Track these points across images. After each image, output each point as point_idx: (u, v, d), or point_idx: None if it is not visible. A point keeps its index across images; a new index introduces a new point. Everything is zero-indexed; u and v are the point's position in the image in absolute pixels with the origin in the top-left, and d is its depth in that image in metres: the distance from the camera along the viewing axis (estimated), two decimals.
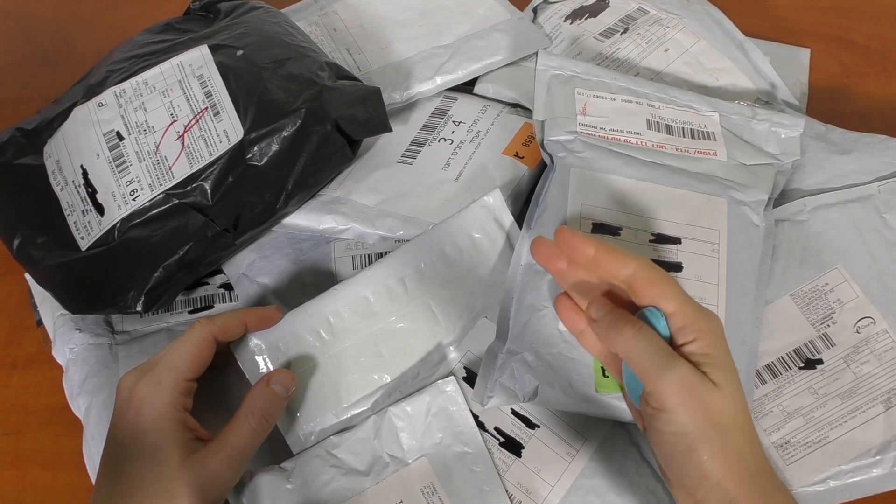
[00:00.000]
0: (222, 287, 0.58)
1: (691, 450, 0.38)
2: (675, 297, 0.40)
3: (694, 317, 0.39)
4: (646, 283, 0.40)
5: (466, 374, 0.51)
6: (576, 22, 0.70)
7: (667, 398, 0.38)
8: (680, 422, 0.37)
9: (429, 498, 0.48)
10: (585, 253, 0.42)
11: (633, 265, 0.41)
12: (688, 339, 0.39)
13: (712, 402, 0.38)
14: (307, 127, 0.53)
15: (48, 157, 0.56)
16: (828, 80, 0.71)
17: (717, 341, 0.40)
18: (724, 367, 0.39)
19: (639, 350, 0.39)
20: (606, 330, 0.41)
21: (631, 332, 0.39)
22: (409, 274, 0.53)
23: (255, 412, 0.46)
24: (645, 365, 0.39)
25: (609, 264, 0.41)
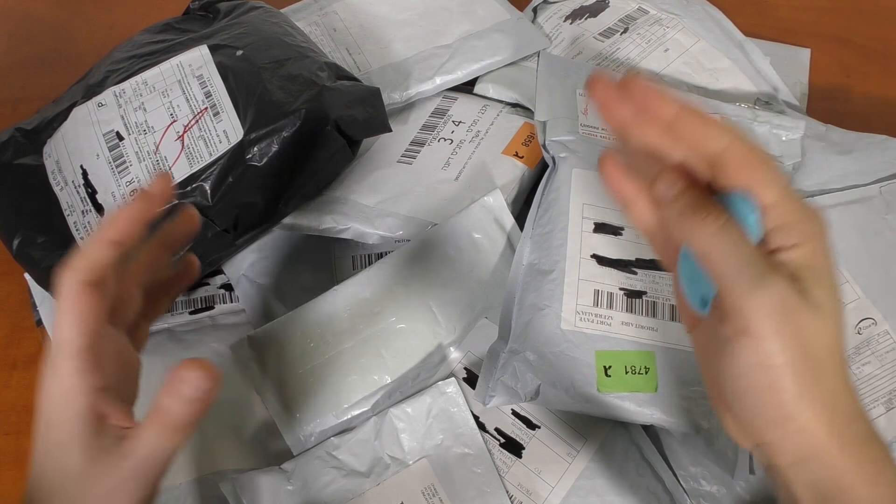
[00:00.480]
0: (222, 287, 0.58)
1: (775, 386, 0.31)
2: (777, 186, 0.31)
3: (798, 215, 0.31)
4: (740, 162, 0.32)
5: (467, 375, 0.51)
6: (576, 22, 0.70)
7: (756, 320, 0.30)
8: (768, 351, 0.30)
9: (429, 499, 0.48)
10: (664, 111, 0.32)
11: (727, 137, 0.32)
12: (787, 243, 0.31)
13: (811, 329, 0.30)
14: (307, 127, 0.53)
15: (48, 157, 0.56)
16: (828, 80, 0.71)
17: (821, 249, 0.32)
18: (828, 284, 0.31)
19: (724, 251, 0.31)
20: (680, 216, 0.33)
21: (715, 226, 0.31)
22: (409, 274, 0.53)
23: (161, 418, 0.35)
24: (731, 273, 0.31)
25: (694, 131, 0.32)
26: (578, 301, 0.50)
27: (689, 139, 0.32)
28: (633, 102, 0.33)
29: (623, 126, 0.34)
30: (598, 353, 0.48)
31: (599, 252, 0.51)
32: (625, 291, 0.50)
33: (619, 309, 0.50)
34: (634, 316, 0.50)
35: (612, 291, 0.50)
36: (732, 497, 0.48)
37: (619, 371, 0.48)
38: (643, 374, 0.48)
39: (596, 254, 0.51)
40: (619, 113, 0.34)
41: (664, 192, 0.33)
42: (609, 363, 0.48)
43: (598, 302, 0.50)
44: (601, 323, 0.49)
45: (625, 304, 0.50)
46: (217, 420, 0.51)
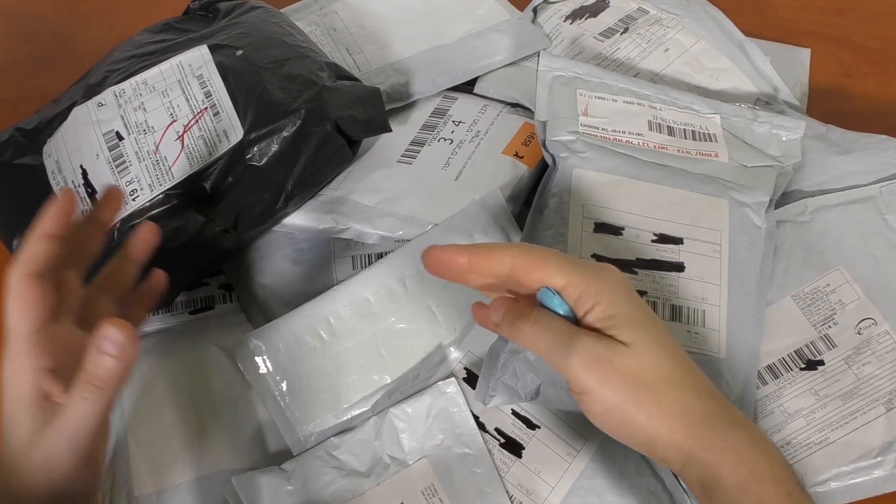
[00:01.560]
0: (222, 287, 0.58)
1: (627, 419, 0.36)
2: (561, 270, 0.37)
3: (585, 282, 0.37)
4: (527, 269, 0.38)
5: (467, 375, 0.51)
6: (576, 22, 0.70)
7: (581, 379, 0.36)
8: (603, 398, 0.36)
9: (429, 499, 0.48)
10: (459, 265, 0.39)
11: (508, 258, 0.38)
12: (587, 308, 0.37)
13: (627, 364, 0.36)
14: (307, 127, 0.53)
15: (48, 156, 0.56)
16: (828, 80, 0.71)
17: (617, 297, 0.37)
18: (631, 323, 0.37)
19: (539, 341, 0.37)
20: (508, 332, 0.39)
21: (528, 325, 0.38)
22: (409, 274, 0.53)
23: (84, 378, 0.37)
24: (550, 354, 0.37)
25: (485, 266, 0.39)
26: None
27: (485, 272, 0.39)
28: (438, 271, 0.40)
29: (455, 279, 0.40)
30: None
31: (599, 252, 0.51)
32: None
33: None
34: None
35: None
36: None
37: None
38: None
39: (596, 254, 0.51)
40: (444, 275, 0.40)
41: (495, 319, 0.40)
42: None
43: None
44: None
45: None
46: (217, 420, 0.51)
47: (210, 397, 0.52)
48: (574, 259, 0.38)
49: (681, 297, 0.51)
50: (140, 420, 0.50)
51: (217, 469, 0.49)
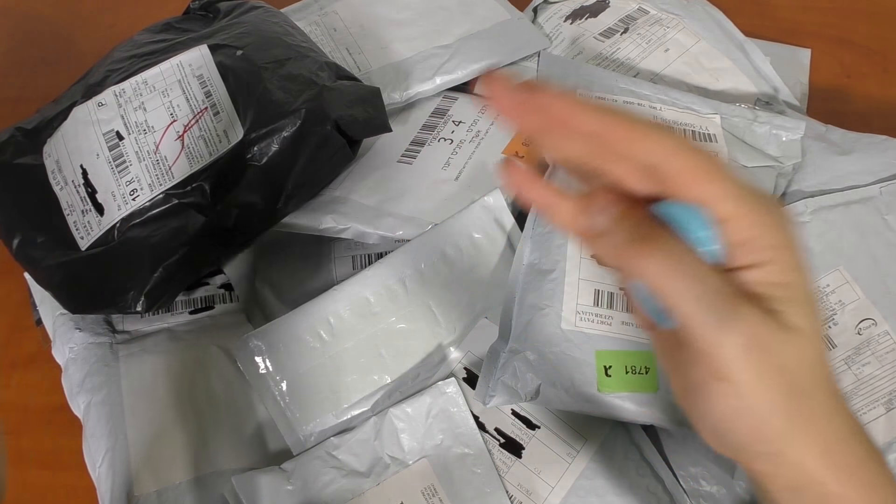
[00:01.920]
0: (222, 287, 0.58)
1: (761, 425, 0.27)
2: (736, 195, 0.26)
3: (763, 226, 0.26)
4: (687, 172, 0.26)
5: (467, 375, 0.51)
6: (576, 22, 0.70)
7: (731, 364, 0.26)
8: (749, 395, 0.27)
9: (429, 499, 0.48)
10: (583, 127, 0.27)
11: (664, 146, 0.26)
12: (752, 261, 0.26)
13: (791, 358, 0.27)
14: (307, 127, 0.53)
15: (48, 156, 0.56)
16: (828, 81, 0.71)
17: (794, 261, 0.27)
18: (805, 301, 0.27)
19: (679, 289, 0.26)
20: (619, 253, 0.27)
21: (663, 261, 0.26)
22: (409, 274, 0.53)
23: None
24: (693, 313, 0.26)
25: (624, 144, 0.26)
26: (579, 301, 0.50)
27: (620, 149, 0.26)
28: (542, 115, 0.27)
29: (534, 134, 0.28)
30: (598, 352, 0.48)
31: None
32: (625, 291, 0.50)
33: (619, 309, 0.50)
34: None
35: (612, 291, 0.50)
36: (732, 497, 0.48)
37: (620, 371, 0.48)
38: (643, 374, 0.48)
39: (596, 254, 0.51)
40: (528, 122, 0.28)
41: (597, 223, 0.28)
42: (609, 363, 0.48)
43: (599, 302, 0.50)
44: (602, 323, 0.49)
45: (625, 304, 0.50)
46: (217, 420, 0.51)
47: (210, 397, 0.52)
48: (744, 181, 0.26)
49: None
50: (140, 420, 0.50)
51: (217, 469, 0.49)
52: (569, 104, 0.26)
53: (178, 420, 0.50)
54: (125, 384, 0.52)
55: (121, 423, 0.50)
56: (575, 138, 0.27)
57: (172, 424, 0.50)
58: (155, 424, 0.50)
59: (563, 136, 0.27)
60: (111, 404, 0.51)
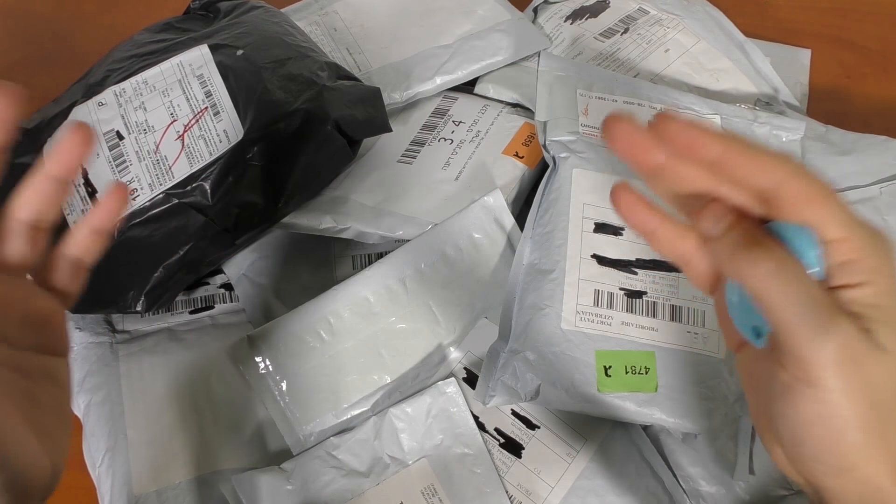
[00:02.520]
0: (223, 287, 0.58)
1: (840, 438, 0.28)
2: (843, 220, 0.28)
3: (866, 249, 0.28)
4: (800, 197, 0.28)
5: (467, 375, 0.51)
6: (576, 22, 0.70)
7: (821, 372, 0.27)
8: (834, 404, 0.28)
9: (429, 499, 0.48)
10: (707, 153, 0.28)
11: (782, 170, 0.28)
12: (852, 281, 0.28)
13: (878, 375, 0.28)
14: (307, 127, 0.53)
15: None
16: (828, 81, 0.71)
17: (890, 286, 0.29)
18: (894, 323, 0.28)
19: (782, 293, 0.27)
20: (732, 253, 0.29)
21: (773, 264, 0.28)
22: (409, 274, 0.53)
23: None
24: (791, 318, 0.27)
25: (742, 168, 0.28)
26: (579, 301, 0.50)
27: (736, 174, 0.29)
28: (667, 145, 0.29)
29: (657, 171, 0.30)
30: (598, 352, 0.49)
31: (600, 252, 0.51)
32: (625, 291, 0.50)
33: (619, 309, 0.50)
34: (634, 316, 0.50)
35: (612, 291, 0.50)
36: (732, 497, 0.48)
37: (620, 371, 0.48)
38: (643, 374, 0.48)
39: (596, 254, 0.51)
40: (652, 158, 0.30)
41: (711, 228, 0.30)
42: (609, 363, 0.48)
43: (599, 302, 0.50)
44: (601, 323, 0.49)
45: (625, 304, 0.50)
46: (217, 420, 0.51)
47: (210, 397, 0.52)
48: (853, 210, 0.28)
49: (681, 297, 0.51)
50: (140, 420, 0.50)
51: (217, 468, 0.49)
52: (695, 131, 0.28)
53: (178, 420, 0.50)
54: (125, 384, 0.52)
55: (121, 423, 0.50)
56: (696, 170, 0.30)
57: (172, 424, 0.50)
58: (155, 424, 0.50)
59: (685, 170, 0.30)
60: (111, 404, 0.51)
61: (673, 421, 0.47)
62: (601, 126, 0.30)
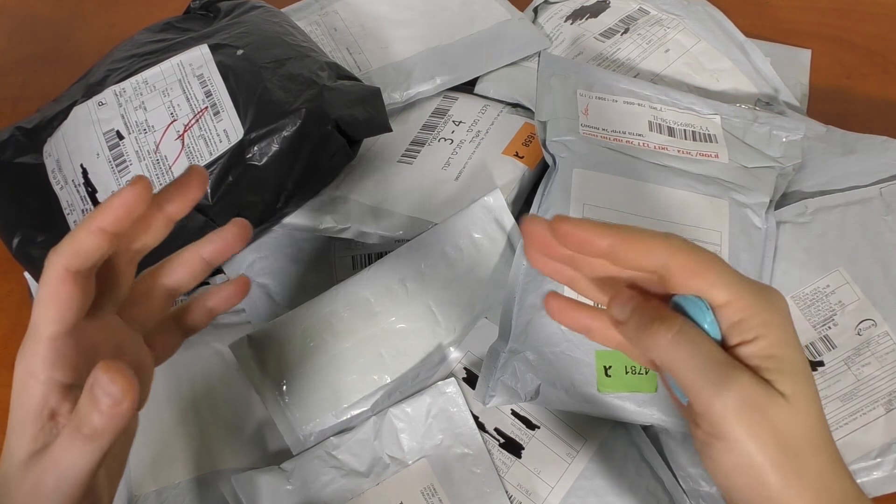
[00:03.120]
0: None
1: (758, 482, 0.30)
2: (727, 284, 0.31)
3: (754, 307, 0.31)
4: (685, 271, 0.31)
5: (467, 375, 0.51)
6: (576, 22, 0.70)
7: (725, 423, 0.30)
8: (744, 452, 0.30)
9: (429, 499, 0.48)
10: (598, 246, 0.32)
11: (664, 251, 0.31)
12: (746, 338, 0.31)
13: (781, 420, 0.30)
14: (307, 127, 0.53)
15: (48, 155, 0.56)
16: (828, 81, 0.71)
17: (785, 335, 0.31)
18: (794, 371, 0.31)
19: (682, 360, 0.31)
20: (636, 333, 0.33)
21: (669, 335, 0.31)
22: (409, 274, 0.53)
23: (76, 426, 0.31)
24: (692, 380, 0.30)
25: (631, 254, 0.32)
26: None
27: (627, 261, 0.32)
28: (566, 242, 0.32)
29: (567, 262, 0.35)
30: (598, 352, 0.49)
31: None
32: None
33: None
34: None
35: None
36: None
37: (620, 371, 0.48)
38: (643, 374, 0.48)
39: None
40: (559, 254, 0.34)
41: (619, 315, 0.34)
42: (609, 363, 0.48)
43: None
44: None
45: None
46: (217, 419, 0.51)
47: (210, 397, 0.52)
48: (739, 273, 0.32)
49: None
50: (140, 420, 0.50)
51: (217, 468, 0.49)
52: (585, 228, 0.32)
53: (178, 420, 0.50)
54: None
55: None
56: (596, 261, 0.33)
57: (172, 424, 0.50)
58: (155, 424, 0.50)
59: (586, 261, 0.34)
60: None
61: (673, 421, 0.48)
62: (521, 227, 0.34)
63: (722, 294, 0.31)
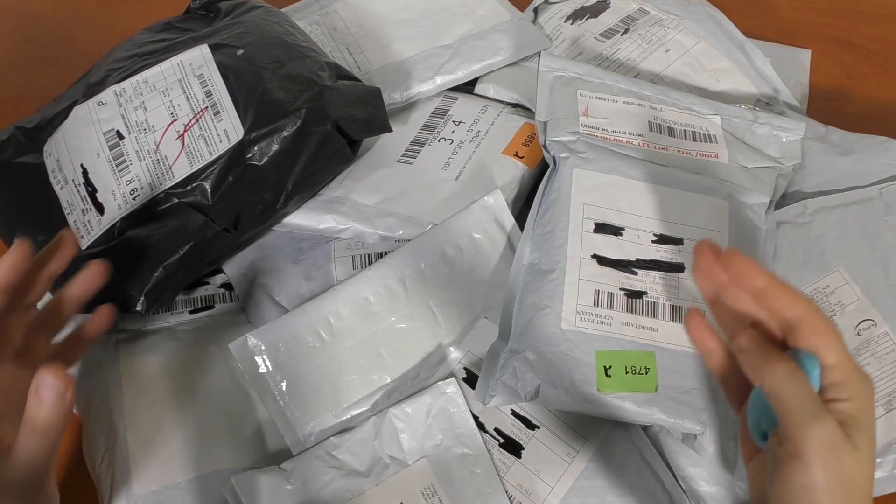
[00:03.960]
0: (222, 287, 0.58)
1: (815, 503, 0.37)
2: (839, 351, 0.38)
3: (852, 376, 0.38)
4: (812, 329, 0.38)
5: (467, 375, 0.51)
6: (576, 22, 0.70)
7: (808, 449, 0.36)
8: (814, 476, 0.36)
9: (429, 499, 0.48)
10: (754, 284, 0.39)
11: (803, 308, 0.38)
12: (840, 397, 0.38)
13: (849, 465, 0.37)
14: (307, 127, 0.53)
15: (48, 155, 0.56)
16: (828, 82, 0.71)
17: (867, 405, 0.38)
18: (867, 434, 0.38)
19: (790, 392, 0.37)
20: (756, 362, 0.39)
21: (784, 371, 0.37)
22: (409, 274, 0.53)
23: (30, 425, 0.39)
24: (793, 409, 0.37)
25: (777, 301, 0.39)
26: (579, 301, 0.50)
27: (771, 304, 0.39)
28: (730, 271, 0.39)
29: (715, 289, 0.41)
30: (598, 353, 0.49)
31: (600, 252, 0.51)
32: (625, 292, 0.50)
33: (619, 309, 0.50)
34: (635, 316, 0.50)
35: (612, 291, 0.50)
36: (732, 497, 0.48)
37: (620, 371, 0.48)
38: (643, 375, 0.48)
39: (596, 254, 0.51)
40: (718, 278, 0.40)
41: (745, 344, 0.39)
42: (609, 363, 0.48)
43: (599, 302, 0.50)
44: (601, 323, 0.49)
45: (625, 305, 0.50)
46: (217, 419, 0.51)
47: (210, 397, 0.52)
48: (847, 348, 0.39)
49: (681, 298, 0.51)
50: (140, 419, 0.50)
51: (216, 468, 0.49)
52: (749, 265, 0.39)
53: (178, 419, 0.50)
54: (125, 383, 0.52)
55: (121, 423, 0.50)
56: (745, 294, 0.40)
57: (172, 424, 0.50)
58: (155, 424, 0.50)
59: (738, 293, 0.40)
60: (111, 403, 0.51)
61: (673, 421, 0.47)
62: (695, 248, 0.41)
63: (833, 357, 0.38)
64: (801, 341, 0.38)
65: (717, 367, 0.43)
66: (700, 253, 0.41)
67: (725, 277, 0.40)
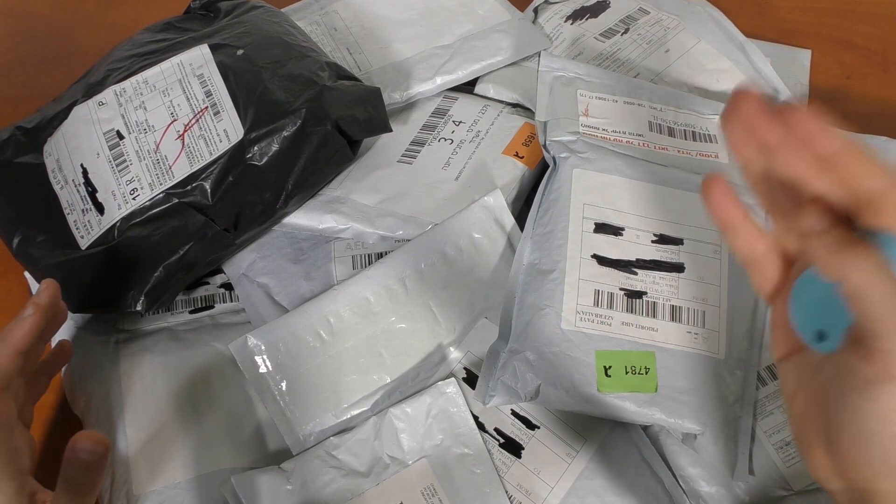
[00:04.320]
0: (222, 287, 0.58)
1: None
2: None
3: None
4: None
5: (467, 375, 0.51)
6: (576, 22, 0.70)
7: None
8: None
9: (429, 499, 0.48)
10: (824, 146, 0.29)
11: (887, 180, 0.29)
12: None
13: None
14: (307, 127, 0.53)
15: (48, 155, 0.56)
16: (828, 82, 0.71)
17: None
18: None
19: (878, 291, 0.29)
20: (831, 252, 0.30)
21: (870, 265, 0.29)
22: (409, 274, 0.53)
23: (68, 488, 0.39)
24: (884, 316, 0.29)
25: (856, 168, 0.29)
26: (579, 301, 0.50)
27: (844, 173, 0.30)
28: (787, 129, 0.30)
29: (765, 149, 0.31)
30: (598, 353, 0.49)
31: (600, 252, 0.51)
32: (625, 291, 0.50)
33: (619, 309, 0.50)
34: (635, 316, 0.50)
35: (612, 291, 0.50)
36: (732, 498, 0.48)
37: (620, 371, 0.48)
38: (643, 375, 0.48)
39: (596, 254, 0.51)
40: (767, 135, 0.31)
41: (812, 225, 0.31)
42: (609, 363, 0.48)
43: (599, 302, 0.50)
44: (601, 323, 0.49)
45: (625, 305, 0.50)
46: (217, 419, 0.51)
47: (210, 396, 0.52)
48: None
49: (681, 298, 0.51)
50: (140, 419, 0.50)
51: (216, 468, 0.49)
52: (820, 125, 0.29)
53: (178, 419, 0.50)
54: (125, 383, 0.52)
55: (121, 423, 0.50)
56: (805, 159, 0.30)
57: (172, 424, 0.50)
58: (155, 424, 0.50)
59: (796, 156, 0.30)
60: (111, 403, 0.51)
61: (673, 421, 0.47)
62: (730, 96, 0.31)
63: None
64: (884, 223, 0.29)
65: (744, 245, 0.35)
66: (742, 100, 0.31)
67: (777, 136, 0.31)
